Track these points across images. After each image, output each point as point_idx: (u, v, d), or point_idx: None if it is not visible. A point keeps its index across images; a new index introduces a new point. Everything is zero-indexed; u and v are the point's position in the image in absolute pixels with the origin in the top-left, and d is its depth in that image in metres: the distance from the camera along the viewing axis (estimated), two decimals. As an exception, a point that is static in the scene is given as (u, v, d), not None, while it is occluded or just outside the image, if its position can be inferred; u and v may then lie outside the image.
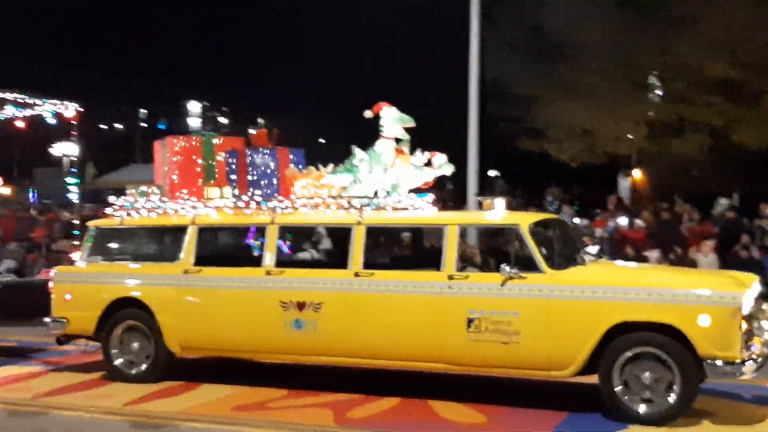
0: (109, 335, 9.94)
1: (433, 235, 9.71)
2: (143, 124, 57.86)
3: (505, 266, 8.28)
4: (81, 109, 11.82)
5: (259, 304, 9.25)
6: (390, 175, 9.53)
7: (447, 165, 9.84)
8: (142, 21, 61.98)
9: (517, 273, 8.25)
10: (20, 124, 12.50)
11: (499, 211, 8.99)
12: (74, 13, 59.20)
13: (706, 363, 7.68)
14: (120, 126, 56.29)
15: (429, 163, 9.78)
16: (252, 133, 11.40)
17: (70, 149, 39.89)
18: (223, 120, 61.70)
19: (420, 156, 9.74)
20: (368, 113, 9.58)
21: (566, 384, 8.95)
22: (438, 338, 8.53)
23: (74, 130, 12.13)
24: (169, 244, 10.14)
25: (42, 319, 10.43)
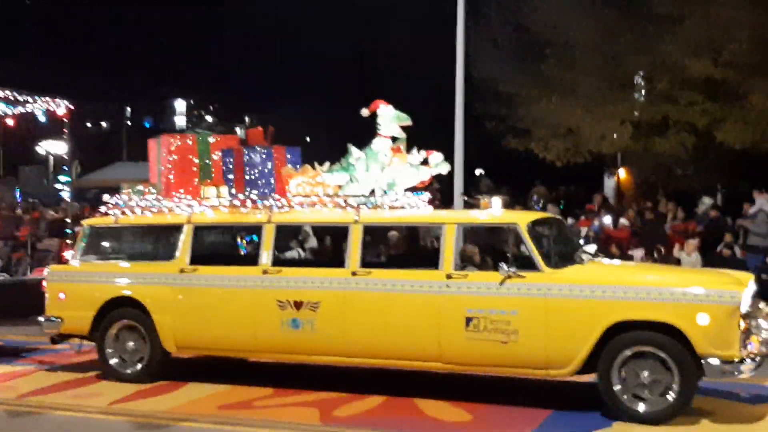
0: (104, 335, 9.76)
1: (430, 233, 9.61)
2: (129, 122, 57.47)
3: (503, 265, 8.20)
4: (72, 107, 11.59)
5: (255, 304, 9.11)
6: (387, 173, 9.40)
7: (443, 163, 9.73)
8: (128, 19, 61.62)
9: (516, 272, 8.17)
10: (9, 122, 12.25)
11: (497, 210, 8.89)
12: (58, 11, 58.77)
13: (705, 362, 7.62)
14: (105, 124, 55.85)
15: (425, 161, 9.67)
16: (239, 131, 11.24)
17: (55, 147, 39.72)
18: (209, 118, 61.39)
19: (416, 154, 9.62)
20: (365, 111, 9.44)
21: (551, 382, 8.90)
22: (436, 337, 8.43)
23: (65, 128, 11.89)
24: (165, 243, 9.97)
25: (31, 318, 10.29)
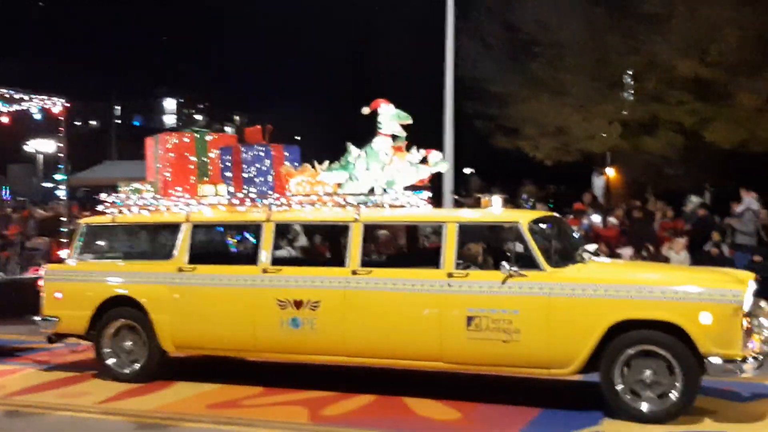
0: (101, 334, 9.58)
1: (431, 232, 9.49)
2: (118, 121, 57.06)
3: (505, 264, 8.07)
4: (68, 105, 11.40)
5: (255, 303, 8.95)
6: (386, 172, 9.26)
7: (442, 162, 9.62)
8: (119, 18, 61.24)
9: (517, 271, 8.04)
10: (4, 120, 12.05)
11: (497, 209, 8.77)
12: (48, 9, 58.34)
13: (707, 361, 7.52)
14: (94, 123, 55.47)
15: (424, 160, 9.54)
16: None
17: (44, 146, 39.45)
18: (198, 117, 61.08)
19: (416, 153, 9.49)
20: (365, 110, 9.30)
21: (541, 380, 8.82)
22: (438, 337, 8.29)
23: (61, 126, 11.69)
24: (163, 242, 9.82)
25: (25, 317, 10.13)
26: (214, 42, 57.40)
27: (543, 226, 8.73)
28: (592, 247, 8.65)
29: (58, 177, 14.10)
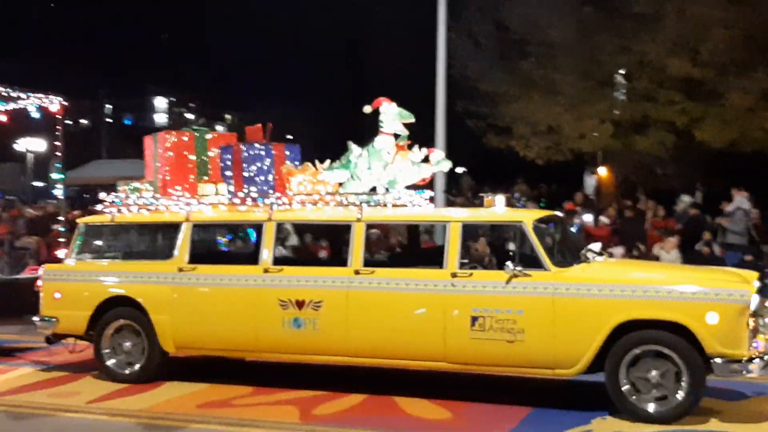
0: (100, 335, 9.40)
1: (434, 232, 9.35)
2: (108, 120, 56.69)
3: (509, 264, 7.94)
4: (65, 103, 11.21)
5: (257, 303, 8.79)
6: (388, 171, 9.11)
7: (444, 161, 9.46)
8: (109, 16, 60.72)
9: (522, 271, 7.92)
10: (2, 118, 11.85)
11: (501, 209, 8.63)
12: (37, 7, 57.83)
13: (713, 361, 7.42)
14: (84, 121, 55.06)
15: (426, 159, 9.39)
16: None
17: (35, 144, 39.03)
18: (189, 116, 60.72)
19: (417, 152, 9.34)
20: (367, 108, 9.14)
21: (531, 380, 8.74)
22: (441, 337, 8.15)
23: (59, 125, 11.49)
24: (163, 242, 9.66)
25: (18, 316, 9.94)
26: (206, 40, 57.01)
27: (547, 225, 8.61)
28: (596, 246, 8.52)
29: (55, 176, 13.87)
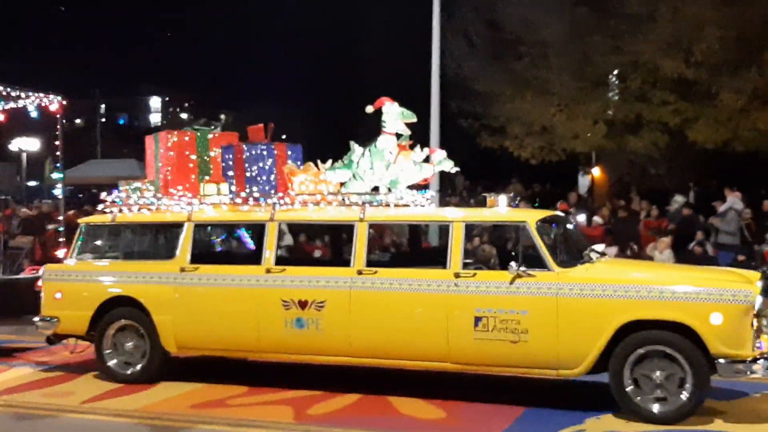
0: (102, 335, 9.28)
1: (438, 232, 9.26)
2: (103, 119, 56.34)
3: (512, 264, 7.87)
4: (64, 102, 11.08)
5: (259, 303, 8.69)
6: (390, 171, 9.02)
7: (446, 161, 9.36)
8: (103, 16, 60.49)
9: (525, 271, 7.85)
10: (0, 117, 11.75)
11: (503, 209, 8.54)
12: (30, 6, 57.55)
13: (718, 361, 7.35)
14: (78, 121, 54.73)
15: (428, 159, 9.31)
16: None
17: (28, 144, 38.81)
18: (184, 115, 60.40)
19: (419, 152, 9.26)
20: (369, 108, 9.06)
21: (525, 380, 8.69)
22: (445, 337, 8.07)
23: (58, 124, 11.37)
24: (165, 242, 9.54)
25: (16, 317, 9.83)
26: (200, 40, 56.85)
27: (550, 225, 8.53)
28: (599, 246, 8.45)
29: (55, 176, 13.77)
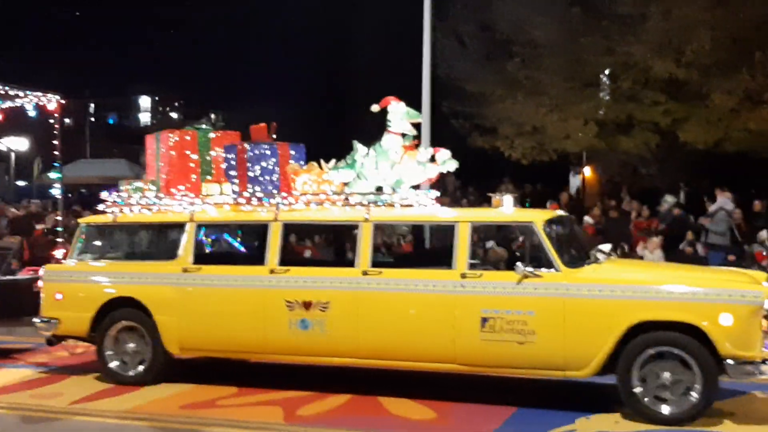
0: (103, 336, 9.09)
1: (443, 232, 9.09)
2: (92, 119, 55.92)
3: (519, 264, 7.73)
4: (63, 102, 10.88)
5: (263, 304, 8.52)
6: (395, 171, 8.86)
7: (451, 161, 9.19)
8: (94, 15, 60.09)
9: (532, 271, 7.71)
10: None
11: (511, 208, 8.40)
12: (24, 6, 57.05)
13: (726, 362, 7.24)
14: (68, 121, 54.31)
15: (432, 159, 9.15)
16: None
17: (17, 143, 38.41)
18: (174, 115, 60.05)
19: (424, 152, 9.10)
20: (375, 107, 8.89)
21: (516, 380, 8.60)
22: (451, 338, 7.93)
23: (56, 123, 11.17)
24: (166, 242, 9.36)
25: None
26: (191, 39, 56.54)
27: (557, 225, 8.39)
28: (606, 247, 8.32)
29: (52, 175, 13.60)
